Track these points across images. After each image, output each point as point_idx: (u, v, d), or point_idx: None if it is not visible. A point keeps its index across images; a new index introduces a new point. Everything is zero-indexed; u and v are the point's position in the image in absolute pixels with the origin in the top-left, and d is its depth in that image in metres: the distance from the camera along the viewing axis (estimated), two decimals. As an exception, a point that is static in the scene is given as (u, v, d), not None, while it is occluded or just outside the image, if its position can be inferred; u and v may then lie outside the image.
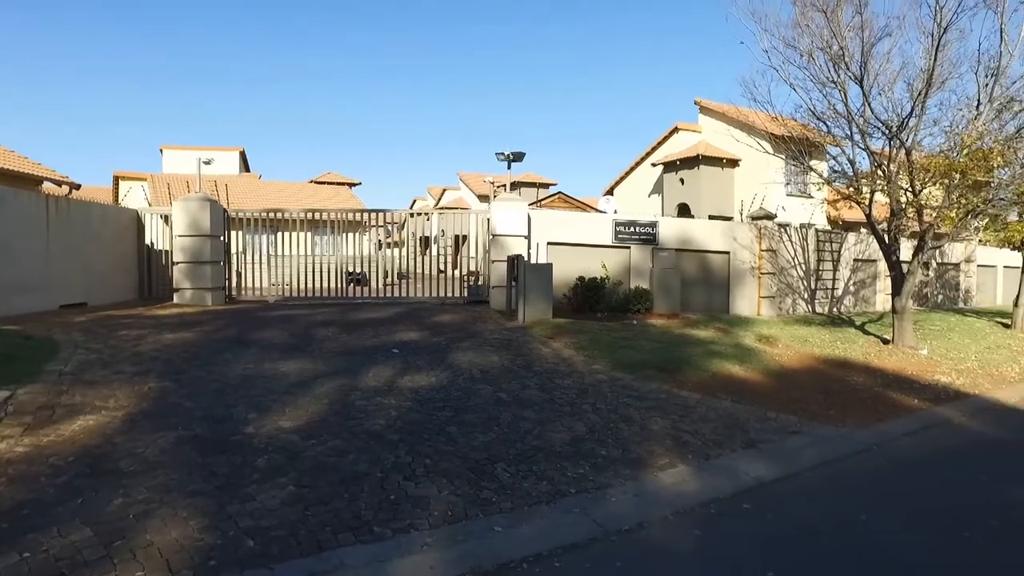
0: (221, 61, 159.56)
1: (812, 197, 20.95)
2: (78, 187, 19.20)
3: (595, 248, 14.62)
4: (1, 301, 9.93)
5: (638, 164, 30.58)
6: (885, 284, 18.07)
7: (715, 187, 25.40)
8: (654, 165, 28.33)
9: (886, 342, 12.60)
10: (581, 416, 6.50)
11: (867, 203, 12.79)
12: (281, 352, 8.37)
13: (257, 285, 14.49)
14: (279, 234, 15.01)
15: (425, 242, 21.56)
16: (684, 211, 25.81)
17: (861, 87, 11.67)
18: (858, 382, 9.36)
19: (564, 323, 11.57)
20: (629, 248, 14.89)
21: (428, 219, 19.51)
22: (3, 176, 15.33)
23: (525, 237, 13.67)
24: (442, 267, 18.87)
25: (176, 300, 12.75)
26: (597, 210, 25.31)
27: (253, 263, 14.44)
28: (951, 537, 4.40)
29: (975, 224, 15.71)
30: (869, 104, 11.75)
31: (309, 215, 14.79)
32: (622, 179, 31.82)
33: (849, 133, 12.36)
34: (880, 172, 12.32)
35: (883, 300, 18.92)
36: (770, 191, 21.54)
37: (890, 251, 12.80)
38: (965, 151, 11.15)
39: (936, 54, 10.89)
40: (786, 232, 17.22)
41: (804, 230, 17.73)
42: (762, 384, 8.70)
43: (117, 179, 32.24)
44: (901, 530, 4.50)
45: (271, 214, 14.62)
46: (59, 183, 18.19)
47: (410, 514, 4.18)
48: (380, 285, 15.66)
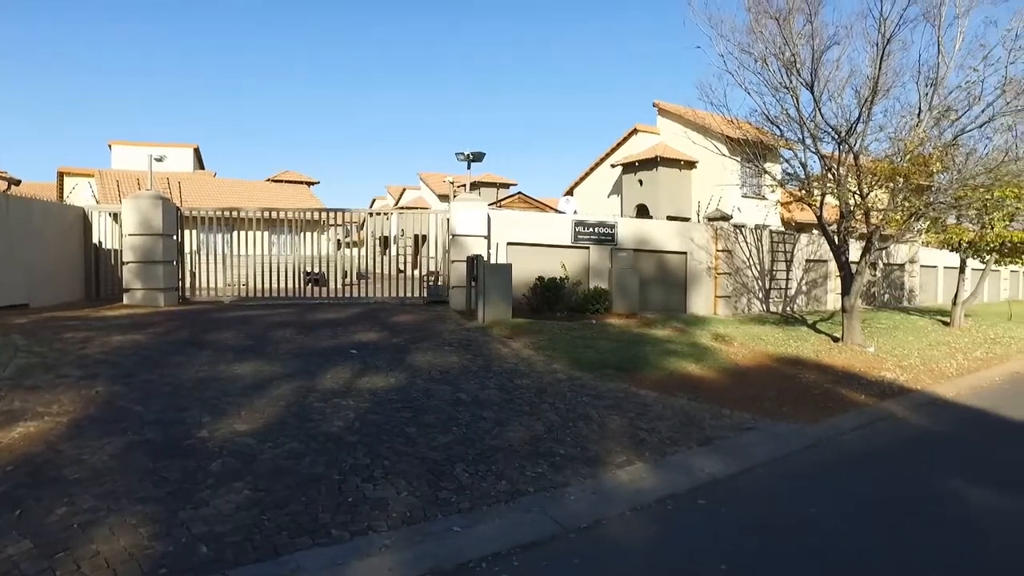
0: (174, 55, 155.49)
1: (766, 199, 21.45)
2: (18, 183, 18.50)
3: (554, 248, 14.72)
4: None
5: (598, 165, 30.86)
6: (835, 284, 18.62)
7: (673, 188, 25.80)
8: (613, 166, 28.62)
9: (836, 340, 12.98)
10: (540, 415, 6.54)
11: (818, 205, 13.18)
12: (237, 354, 8.20)
13: (212, 285, 14.16)
14: (235, 233, 14.70)
15: (385, 242, 21.38)
16: (643, 212, 26.14)
17: (812, 93, 12.01)
18: (810, 379, 9.62)
19: (523, 323, 11.62)
20: (588, 248, 15.02)
21: (388, 219, 19.36)
22: (-62, 172, 14.67)
23: (485, 237, 13.67)
24: (402, 267, 18.74)
25: (126, 301, 12.37)
26: (557, 211, 25.45)
27: (208, 263, 14.10)
28: (894, 525, 4.58)
29: (918, 226, 16.27)
30: (820, 109, 12.11)
31: (266, 214, 14.51)
32: (582, 180, 32.07)
33: (801, 137, 12.71)
34: (830, 175, 12.71)
35: (834, 299, 19.49)
36: (726, 193, 21.99)
37: (840, 252, 13.20)
38: (908, 156, 11.58)
39: (881, 63, 11.29)
40: (741, 233, 17.60)
41: (759, 231, 18.14)
42: (718, 382, 8.88)
43: (62, 175, 31.10)
44: (848, 520, 4.66)
45: (227, 213, 14.30)
46: (-2, 179, 17.49)
47: (368, 516, 4.15)
48: (339, 285, 15.47)
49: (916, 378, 10.26)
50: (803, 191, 13.83)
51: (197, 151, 37.80)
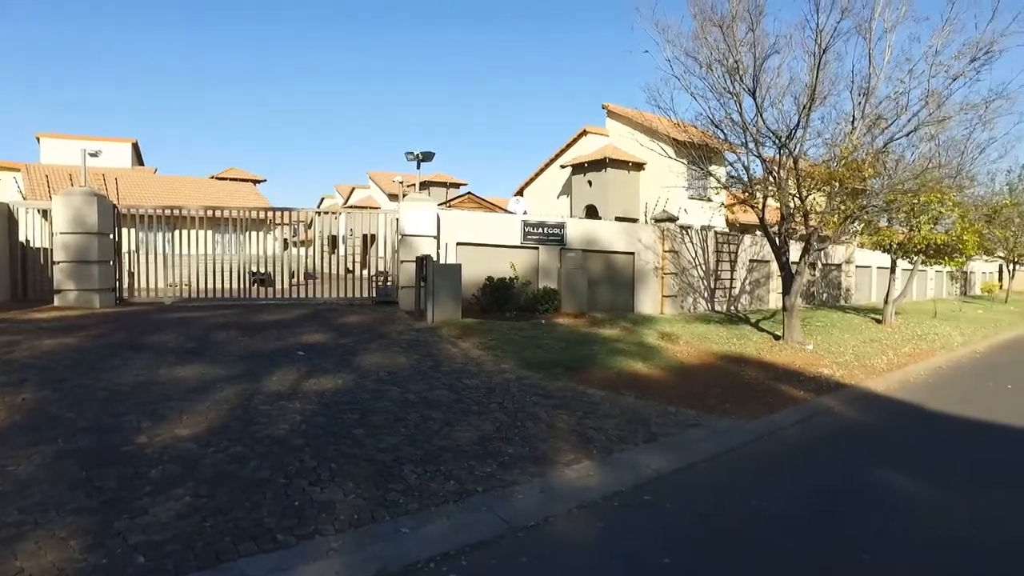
0: (111, 48, 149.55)
1: (712, 201, 22.04)
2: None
3: (504, 248, 14.77)
4: None
5: (548, 166, 31.07)
6: (777, 283, 19.22)
7: (621, 189, 26.19)
8: (563, 167, 28.87)
9: (777, 338, 13.42)
10: (489, 415, 6.57)
11: (760, 207, 13.60)
12: (178, 356, 7.96)
13: (153, 286, 13.69)
14: (177, 232, 14.25)
15: (333, 241, 21.07)
16: (592, 212, 26.45)
17: (754, 99, 12.38)
18: (752, 376, 9.92)
19: (473, 323, 11.63)
20: (538, 249, 15.13)
21: (336, 218, 19.09)
22: None
23: (434, 237, 13.63)
24: (350, 267, 18.51)
25: (58, 303, 11.84)
26: (507, 211, 25.52)
27: (148, 263, 13.62)
28: (830, 513, 4.80)
29: (853, 228, 16.97)
30: (761, 115, 12.49)
31: (210, 212, 14.12)
32: (532, 180, 32.24)
33: (744, 141, 13.09)
34: (771, 178, 13.13)
35: (775, 298, 20.12)
36: (673, 194, 22.44)
37: (781, 252, 13.66)
38: (843, 162, 12.06)
39: (817, 72, 11.72)
40: (687, 234, 18.00)
41: (704, 232, 18.59)
42: (664, 380, 9.07)
43: (-15, 169, 29.61)
44: (788, 510, 4.86)
45: (168, 211, 13.85)
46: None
47: (315, 520, 4.11)
48: (286, 286, 15.17)
49: (851, 374, 10.69)
50: (746, 193, 14.25)
51: (136, 146, 36.47)
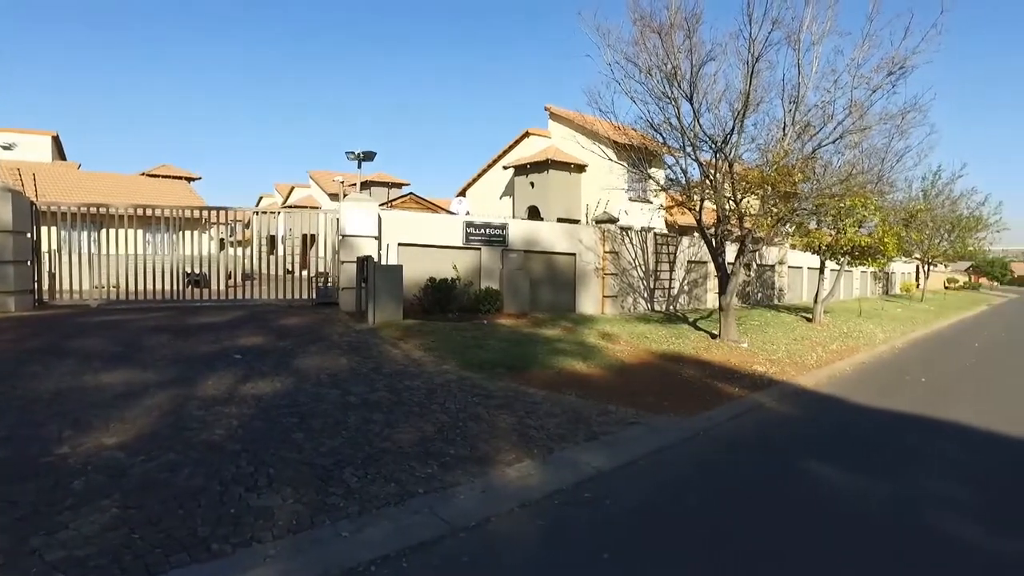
0: (31, 39, 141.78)
1: (651, 202, 22.53)
2: None
3: (446, 249, 14.74)
4: None
5: (490, 167, 31.13)
6: (714, 283, 19.78)
7: (563, 191, 26.46)
8: (505, 168, 28.98)
9: (714, 337, 13.83)
10: (430, 416, 6.56)
11: (698, 209, 14.00)
12: (105, 362, 7.64)
13: (76, 288, 13.06)
14: (104, 231, 13.63)
15: (272, 242, 20.57)
16: (534, 213, 26.63)
17: (691, 104, 12.73)
18: (690, 374, 10.20)
19: (414, 324, 11.57)
20: (480, 249, 15.15)
21: (275, 218, 18.63)
22: None
23: (375, 238, 13.48)
24: (290, 268, 18.12)
25: (-30, 306, 11.18)
26: (449, 211, 25.45)
27: (71, 264, 12.98)
28: (763, 504, 5.00)
29: (785, 230, 17.65)
30: (698, 120, 12.85)
31: (140, 210, 13.56)
32: (474, 181, 32.24)
33: (682, 144, 13.45)
34: (708, 181, 13.53)
35: (713, 298, 20.71)
36: (614, 196, 22.80)
37: (717, 253, 14.09)
38: (774, 166, 12.53)
39: (751, 80, 12.15)
40: (627, 235, 18.34)
41: (644, 233, 18.98)
42: (604, 379, 9.23)
43: None
44: (723, 503, 5.03)
45: (93, 208, 13.23)
46: None
47: (252, 527, 4.02)
48: (223, 287, 14.72)
49: (783, 370, 11.11)
50: (684, 196, 14.63)
51: (56, 139, 34.68)
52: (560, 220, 23.15)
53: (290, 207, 37.92)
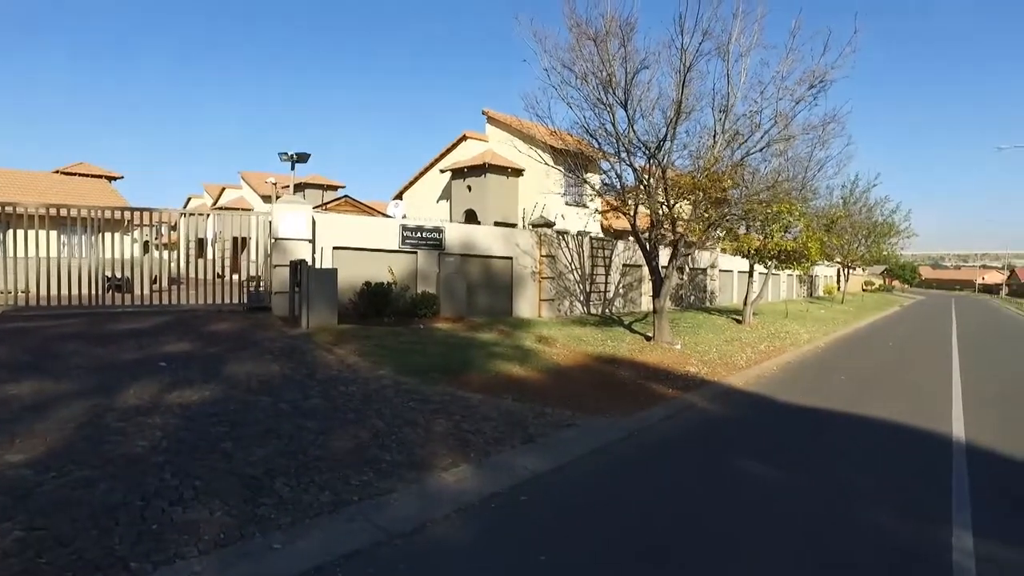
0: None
1: (588, 207, 22.83)
2: None
3: (382, 253, 14.56)
4: None
5: (427, 170, 30.91)
6: (648, 287, 20.21)
7: (501, 195, 26.53)
8: (443, 171, 28.83)
9: (648, 339, 14.13)
10: (366, 423, 6.46)
11: (632, 214, 14.29)
12: (12, 372, 7.19)
13: (-20, 293, 12.24)
14: (11, 232, 12.83)
15: (201, 244, 19.85)
16: (471, 217, 26.60)
17: (626, 111, 12.99)
18: (625, 376, 10.38)
19: (349, 329, 11.38)
20: (416, 253, 15.04)
21: (205, 219, 17.98)
22: None
23: (309, 241, 13.19)
24: (220, 272, 17.50)
25: None
26: (385, 215, 25.14)
27: (-26, 267, 12.16)
28: (696, 499, 5.13)
29: (716, 235, 18.23)
30: (633, 126, 13.13)
31: (53, 210, 12.83)
32: (411, 184, 31.95)
33: (617, 150, 13.70)
34: (643, 187, 13.83)
35: (647, 301, 21.16)
36: (550, 200, 23.02)
37: (651, 257, 14.42)
38: (705, 173, 12.94)
39: (683, 89, 12.50)
40: (564, 239, 18.55)
41: (580, 238, 19.24)
42: (541, 382, 9.29)
43: None
44: (658, 500, 5.15)
45: None
46: None
47: (176, 542, 3.85)
48: (147, 292, 14.10)
49: (714, 371, 11.45)
50: (619, 201, 14.91)
51: (-38, 136, 32.44)
52: (497, 224, 23.20)
53: (220, 208, 36.66)
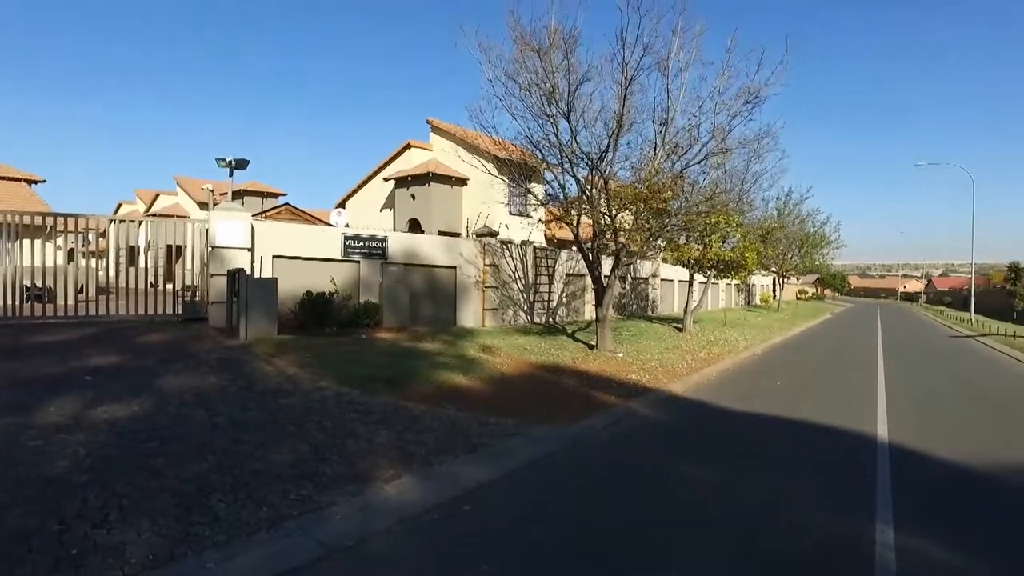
0: None
1: (531, 217, 22.98)
2: None
3: (324, 262, 14.30)
4: None
5: (371, 178, 30.56)
6: (591, 296, 20.46)
7: (445, 204, 26.44)
8: (386, 180, 28.55)
9: (591, 347, 14.29)
10: (306, 435, 6.31)
11: (575, 224, 14.46)
12: (-79, 388, 6.75)
13: None
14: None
15: (132, 252, 19.07)
16: (415, 226, 26.41)
17: (569, 122, 13.15)
18: (568, 384, 10.47)
19: (290, 340, 11.13)
20: (359, 262, 14.82)
21: (137, 227, 17.29)
22: None
23: (248, 250, 12.85)
24: (153, 281, 16.84)
25: None
26: (328, 223, 24.71)
27: None
28: (638, 503, 5.20)
29: (657, 244, 18.65)
30: (576, 137, 13.31)
31: (-34, 217, 12.11)
32: (355, 192, 31.52)
33: (560, 161, 13.85)
34: (585, 197, 14.01)
35: (590, 310, 21.39)
36: (494, 210, 23.09)
37: (594, 267, 14.61)
38: (646, 184, 13.21)
39: (624, 101, 12.75)
40: (508, 249, 18.61)
41: (524, 247, 19.34)
42: (484, 391, 9.28)
43: None
44: (600, 506, 5.19)
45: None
46: None
47: (99, 567, 3.66)
48: (72, 302, 13.44)
49: (656, 378, 11.66)
50: (563, 211, 15.07)
51: None
52: (441, 233, 23.10)
53: (154, 215, 35.35)
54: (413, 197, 26.74)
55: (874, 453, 7.19)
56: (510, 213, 24.65)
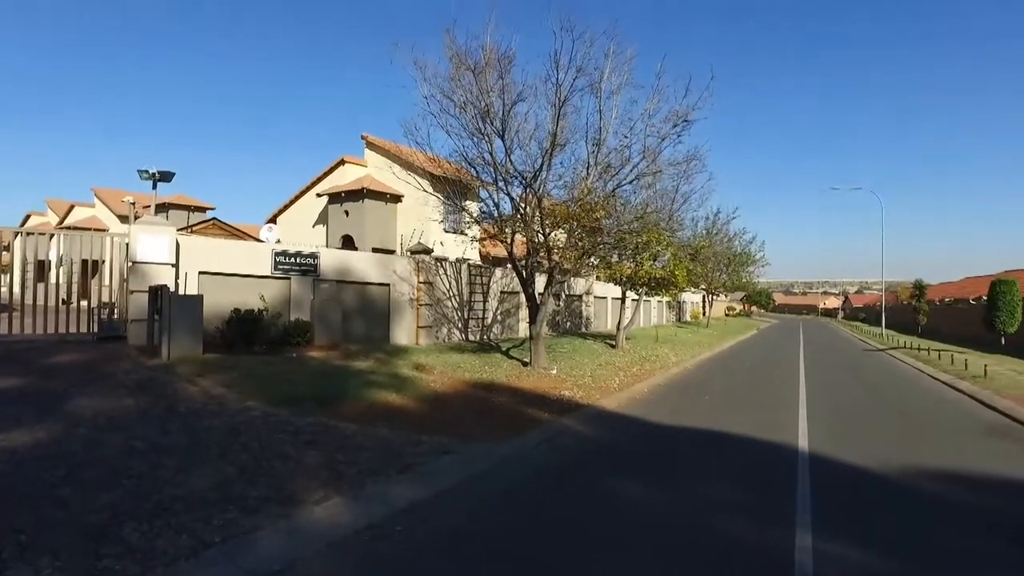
0: None
1: (466, 234, 22.99)
2: None
3: (254, 279, 13.88)
4: None
5: (303, 193, 29.95)
6: (525, 313, 20.57)
7: (379, 221, 26.16)
8: (319, 195, 28.04)
9: (526, 364, 14.34)
10: (232, 458, 6.07)
11: (509, 242, 14.55)
12: None
13: None
14: None
15: (43, 267, 17.99)
16: (349, 243, 26.00)
17: (503, 141, 13.28)
18: (502, 401, 10.45)
19: (216, 359, 10.72)
20: (290, 279, 14.46)
21: (48, 239, 16.37)
22: None
23: (173, 265, 12.34)
24: (66, 298, 15.92)
25: None
26: (258, 239, 24.03)
27: None
28: (569, 520, 5.21)
29: (590, 262, 18.92)
30: (510, 156, 13.45)
31: None
32: (286, 208, 30.81)
33: (495, 179, 13.94)
34: (519, 215, 14.13)
35: (524, 327, 21.50)
36: (429, 227, 22.99)
37: (528, 284, 14.71)
38: (579, 203, 13.44)
39: (558, 121, 12.99)
40: (442, 266, 18.54)
41: (458, 265, 19.30)
42: (418, 410, 9.16)
43: None
44: (534, 523, 5.18)
45: None
46: None
47: (-6, 608, 3.40)
48: (-32, 321, 12.53)
49: (589, 394, 11.78)
50: (497, 228, 15.14)
51: None
52: (375, 250, 22.82)
53: (68, 228, 33.52)
54: (347, 213, 26.35)
55: (795, 462, 7.48)
56: (445, 230, 24.61)
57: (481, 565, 4.40)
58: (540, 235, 14.03)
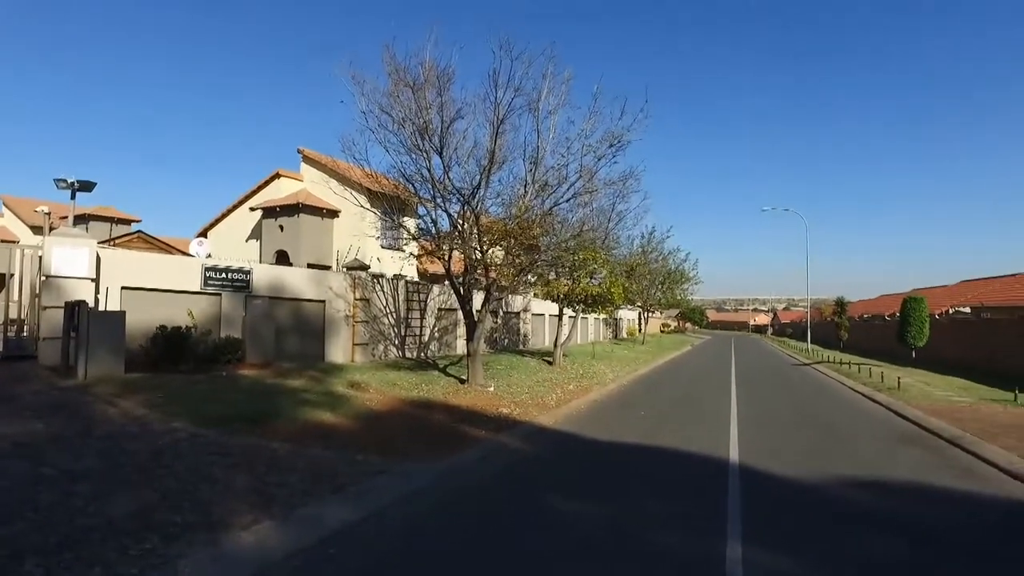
0: None
1: (404, 251, 22.79)
2: None
3: (181, 295, 13.35)
4: None
5: (236, 207, 29.11)
6: (463, 330, 20.47)
7: (315, 236, 25.66)
8: (253, 209, 27.31)
9: (463, 382, 14.24)
10: (154, 482, 5.77)
11: (447, 259, 14.48)
12: None
13: None
14: None
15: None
16: (283, 258, 25.38)
17: (441, 158, 13.24)
18: (438, 419, 10.34)
19: (139, 379, 10.24)
20: (220, 295, 13.98)
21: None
22: None
23: (92, 280, 11.74)
24: (-31, 315, 14.92)
25: None
26: (187, 253, 23.18)
27: None
28: (505, 537, 5.16)
29: (527, 280, 19.07)
30: (448, 173, 13.40)
31: None
32: (218, 221, 29.86)
33: (433, 196, 13.87)
34: (457, 232, 14.10)
35: (462, 344, 21.39)
36: (366, 243, 22.70)
37: (465, 301, 14.66)
38: (516, 220, 13.53)
39: (496, 139, 13.06)
40: (379, 283, 18.31)
41: (396, 281, 19.10)
42: (353, 429, 8.96)
43: None
44: (471, 541, 5.11)
45: None
46: None
47: None
48: None
49: (526, 411, 11.79)
50: (435, 245, 15.07)
51: None
52: (311, 266, 22.35)
53: (-24, 242, 31.46)
54: (282, 228, 25.74)
55: (726, 475, 7.67)
56: (382, 246, 24.35)
57: (416, 587, 4.31)
58: (478, 252, 14.03)
